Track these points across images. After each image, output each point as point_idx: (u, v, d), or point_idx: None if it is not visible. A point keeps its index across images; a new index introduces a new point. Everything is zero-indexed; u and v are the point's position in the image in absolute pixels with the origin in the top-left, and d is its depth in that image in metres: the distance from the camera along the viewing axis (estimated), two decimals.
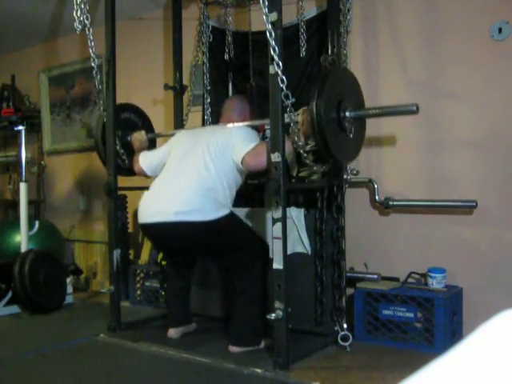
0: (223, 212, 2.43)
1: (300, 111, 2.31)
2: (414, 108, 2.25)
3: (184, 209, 2.38)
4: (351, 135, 2.38)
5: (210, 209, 2.39)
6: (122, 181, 3.02)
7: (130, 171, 3.01)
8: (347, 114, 2.33)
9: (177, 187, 2.46)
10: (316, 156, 2.57)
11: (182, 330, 2.75)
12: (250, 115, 2.76)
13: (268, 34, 2.17)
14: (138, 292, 3.56)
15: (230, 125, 2.62)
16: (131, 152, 2.98)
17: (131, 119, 3.16)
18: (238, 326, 2.51)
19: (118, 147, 2.93)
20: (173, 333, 2.73)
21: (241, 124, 2.62)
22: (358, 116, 2.40)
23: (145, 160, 2.82)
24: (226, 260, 2.59)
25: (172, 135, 2.87)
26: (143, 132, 3.02)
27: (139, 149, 2.96)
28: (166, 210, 2.42)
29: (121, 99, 3.05)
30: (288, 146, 2.32)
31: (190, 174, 2.46)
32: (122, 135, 2.99)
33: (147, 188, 3.28)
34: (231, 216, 2.53)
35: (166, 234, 2.47)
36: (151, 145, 3.11)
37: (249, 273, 2.50)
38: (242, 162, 2.42)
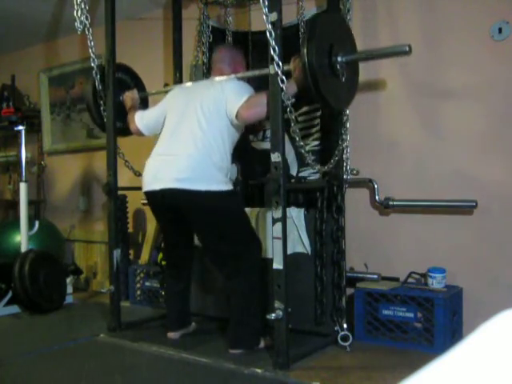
0: (226, 186, 2.43)
1: (291, 59, 2.27)
2: (406, 48, 2.18)
3: (183, 175, 2.38)
4: (343, 79, 2.31)
5: (211, 177, 2.39)
6: (122, 181, 3.02)
7: (125, 131, 3.01)
8: (339, 58, 2.27)
9: (174, 153, 2.45)
10: (317, 156, 2.57)
11: (181, 332, 2.74)
12: (241, 63, 2.72)
13: (268, 33, 2.17)
14: (138, 292, 3.56)
15: (219, 78, 2.59)
16: (124, 113, 2.97)
17: (122, 79, 3.11)
18: (235, 329, 2.49)
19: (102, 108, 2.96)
20: (172, 335, 2.72)
21: (232, 76, 2.59)
22: (350, 60, 2.33)
23: (141, 120, 2.80)
24: (222, 246, 2.51)
25: (164, 92, 2.86)
26: (135, 90, 3.01)
27: (131, 107, 2.94)
28: (166, 177, 2.42)
29: None
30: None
31: (186, 138, 2.45)
32: (114, 95, 2.95)
33: None
34: (236, 198, 2.52)
35: (168, 201, 2.46)
36: (143, 104, 3.10)
37: (246, 273, 2.47)
38: (236, 117, 2.40)
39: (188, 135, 2.45)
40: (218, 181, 2.40)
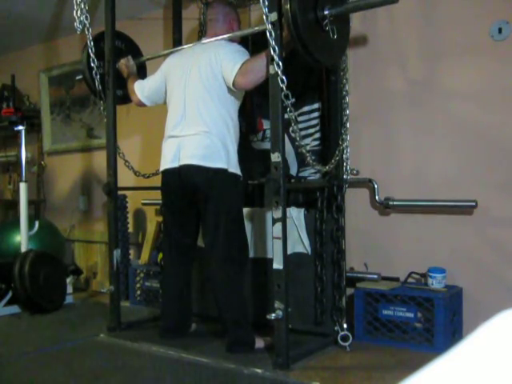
0: (233, 167, 2.46)
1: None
2: None
3: (200, 152, 2.42)
4: (334, 35, 2.22)
5: (227, 157, 2.43)
6: (122, 181, 3.02)
7: (125, 98, 3.01)
8: (326, 12, 2.19)
9: (187, 133, 2.48)
10: (316, 156, 2.57)
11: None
12: (236, 20, 2.70)
13: (268, 34, 2.17)
14: (138, 292, 3.56)
15: (213, 40, 2.59)
16: (122, 80, 2.96)
17: (117, 47, 3.07)
18: (231, 341, 2.48)
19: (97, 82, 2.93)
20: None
21: (225, 36, 2.59)
22: (337, 13, 2.23)
23: (142, 92, 2.80)
24: (230, 228, 2.49)
25: (160, 57, 2.85)
26: (129, 57, 3.00)
27: (129, 74, 2.94)
28: (186, 154, 2.46)
29: None
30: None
31: (196, 117, 2.48)
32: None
33: (147, 188, 3.30)
34: (240, 190, 2.54)
35: (185, 179, 2.48)
36: (141, 70, 3.11)
37: (233, 285, 2.47)
38: (233, 85, 2.41)
39: (196, 113, 2.48)
40: (226, 158, 2.44)
